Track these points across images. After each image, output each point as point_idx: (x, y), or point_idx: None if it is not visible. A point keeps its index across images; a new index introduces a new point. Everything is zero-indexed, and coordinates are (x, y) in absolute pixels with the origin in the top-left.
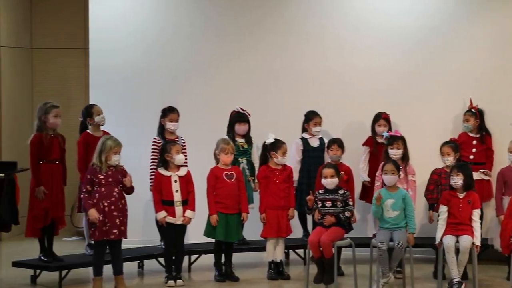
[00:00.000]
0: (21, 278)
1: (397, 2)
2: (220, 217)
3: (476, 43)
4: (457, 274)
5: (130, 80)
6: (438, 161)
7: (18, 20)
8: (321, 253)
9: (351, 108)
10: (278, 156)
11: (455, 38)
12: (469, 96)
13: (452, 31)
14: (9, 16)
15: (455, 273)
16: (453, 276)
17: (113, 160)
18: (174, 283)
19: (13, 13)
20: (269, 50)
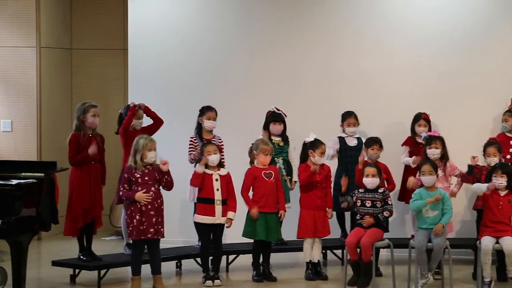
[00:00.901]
0: (61, 277)
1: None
2: (260, 217)
3: None
4: (489, 274)
5: (168, 80)
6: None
7: (58, 21)
8: (358, 256)
9: (389, 108)
10: (315, 155)
11: (494, 38)
12: (510, 97)
13: (490, 30)
14: (49, 18)
15: (487, 273)
16: (485, 276)
17: (149, 157)
18: (212, 283)
19: (53, 14)
20: (306, 50)
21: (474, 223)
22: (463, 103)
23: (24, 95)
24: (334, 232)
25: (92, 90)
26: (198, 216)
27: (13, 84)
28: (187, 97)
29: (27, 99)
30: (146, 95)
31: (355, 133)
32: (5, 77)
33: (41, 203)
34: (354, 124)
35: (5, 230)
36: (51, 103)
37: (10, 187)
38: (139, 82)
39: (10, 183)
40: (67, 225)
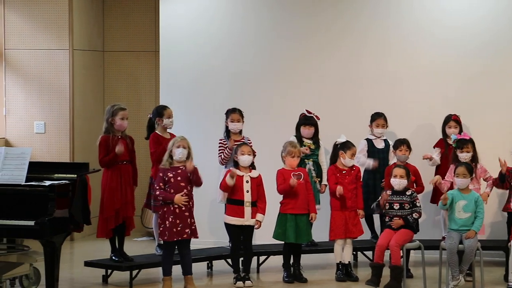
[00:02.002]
0: (93, 278)
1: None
2: (290, 219)
3: None
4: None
5: (199, 82)
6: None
7: (90, 24)
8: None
9: (418, 110)
10: (346, 157)
11: None
12: None
13: None
14: (82, 20)
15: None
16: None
17: (176, 154)
18: (242, 284)
19: (85, 17)
20: (334, 52)
21: (505, 225)
22: (493, 104)
23: (57, 97)
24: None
25: (124, 92)
26: (228, 217)
27: (46, 86)
28: (218, 98)
29: (60, 101)
30: (177, 96)
31: (383, 134)
32: (38, 79)
33: (73, 204)
34: (383, 125)
35: (39, 231)
36: (84, 105)
37: (44, 188)
38: (170, 83)
39: (44, 184)
40: (100, 226)
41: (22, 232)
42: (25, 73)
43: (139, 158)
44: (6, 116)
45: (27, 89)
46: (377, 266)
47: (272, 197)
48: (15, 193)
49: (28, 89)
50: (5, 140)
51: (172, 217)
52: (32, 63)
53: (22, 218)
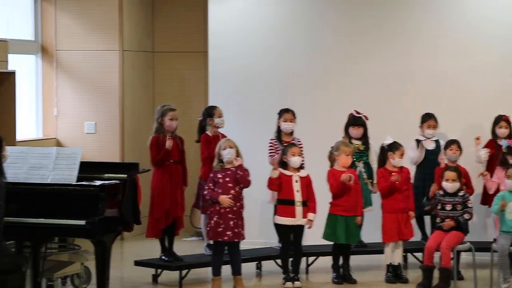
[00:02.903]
0: (143, 277)
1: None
2: (340, 220)
3: None
4: None
5: (247, 81)
6: None
7: (140, 25)
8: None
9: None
10: (395, 157)
11: None
12: None
13: None
14: (131, 21)
15: None
16: None
17: (223, 155)
18: (292, 284)
19: (135, 18)
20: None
21: None
22: None
23: (107, 98)
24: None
25: (174, 92)
26: (279, 217)
27: (96, 86)
28: (267, 99)
29: (110, 101)
30: (226, 97)
31: (433, 135)
32: (89, 80)
33: (124, 204)
34: (434, 126)
35: (89, 230)
36: (134, 105)
37: (94, 188)
38: (218, 83)
39: (94, 184)
40: (150, 226)
41: (73, 231)
42: (76, 74)
43: (189, 159)
44: (57, 117)
45: (78, 90)
46: (427, 268)
47: (319, 198)
48: (66, 192)
49: (78, 90)
50: (56, 140)
51: (216, 217)
52: (82, 64)
53: (73, 218)
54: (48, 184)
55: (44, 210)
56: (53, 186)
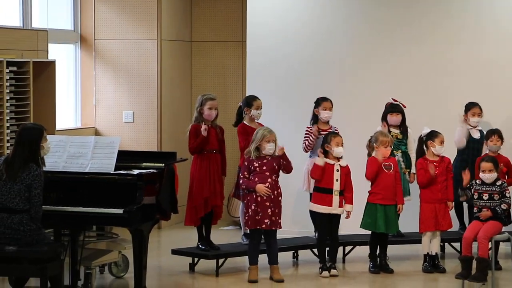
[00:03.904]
0: (180, 266)
1: None
2: (380, 209)
3: None
4: None
5: (284, 70)
6: None
7: (178, 14)
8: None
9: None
10: (435, 145)
11: None
12: None
13: None
14: (170, 11)
15: None
16: None
17: (266, 149)
18: (328, 274)
19: (173, 7)
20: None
21: None
22: None
23: (145, 87)
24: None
25: (211, 81)
26: (315, 205)
27: (135, 76)
28: (303, 88)
29: (148, 90)
30: (263, 86)
31: (478, 123)
32: (127, 69)
33: (161, 193)
34: (479, 114)
35: (127, 219)
36: (171, 95)
37: (132, 177)
38: (256, 73)
39: (132, 173)
40: (188, 215)
41: (111, 220)
42: (114, 63)
43: (228, 148)
44: (96, 106)
45: (116, 79)
46: (466, 259)
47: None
48: (104, 181)
49: (117, 79)
50: (94, 129)
51: (254, 205)
52: (121, 53)
53: (111, 206)
54: (86, 173)
55: (83, 198)
56: (92, 175)
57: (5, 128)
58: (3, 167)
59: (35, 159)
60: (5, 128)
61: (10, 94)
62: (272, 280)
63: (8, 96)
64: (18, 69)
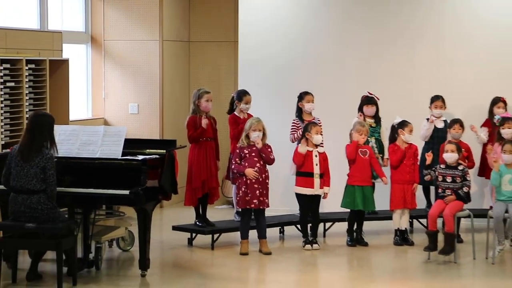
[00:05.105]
0: (179, 240)
1: None
2: (358, 190)
3: None
4: None
5: (272, 68)
6: None
7: (178, 17)
8: (436, 227)
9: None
10: (405, 133)
11: None
12: None
13: None
14: (170, 14)
15: None
16: None
17: (252, 137)
18: (310, 247)
19: (174, 11)
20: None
21: None
22: None
23: (149, 82)
24: (421, 203)
25: (207, 77)
26: (299, 187)
27: (140, 72)
28: (289, 83)
29: (151, 85)
30: (253, 82)
31: (441, 115)
32: (133, 66)
33: (163, 176)
34: (441, 106)
35: (133, 199)
36: (172, 89)
37: (137, 162)
38: (247, 70)
39: (137, 158)
40: (187, 196)
41: (119, 200)
42: (121, 61)
43: (220, 136)
44: (105, 99)
45: (123, 75)
46: (432, 233)
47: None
48: (113, 166)
49: (123, 75)
50: (104, 120)
51: (244, 187)
52: (127, 52)
53: (118, 188)
54: (96, 159)
55: (93, 181)
56: (101, 160)
57: (24, 119)
58: (19, 154)
59: (50, 143)
60: (25, 120)
61: (29, 89)
62: (261, 253)
63: (27, 91)
64: (36, 66)
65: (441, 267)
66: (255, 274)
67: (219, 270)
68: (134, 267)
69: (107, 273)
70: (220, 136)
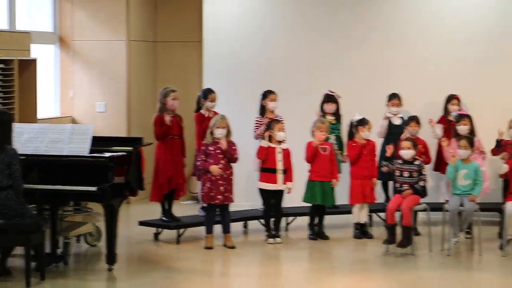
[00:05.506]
0: (146, 235)
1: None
2: (318, 185)
3: None
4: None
5: (237, 67)
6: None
7: (144, 17)
8: (395, 221)
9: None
10: (365, 130)
11: None
12: None
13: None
14: (137, 15)
15: (510, 231)
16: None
17: (216, 133)
18: (273, 240)
19: (140, 11)
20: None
21: (500, 190)
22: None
23: (116, 82)
24: (379, 197)
25: (173, 77)
26: (262, 183)
27: (107, 72)
28: (253, 81)
29: (118, 84)
30: (219, 81)
31: (399, 112)
32: (100, 66)
33: (130, 173)
34: (397, 104)
35: (100, 196)
36: (139, 88)
37: (104, 159)
38: (212, 69)
39: (104, 155)
40: (153, 192)
41: (86, 196)
42: (89, 61)
43: (187, 134)
44: (73, 98)
45: (91, 74)
46: (390, 226)
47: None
48: (81, 163)
49: (91, 74)
50: (72, 118)
51: (209, 183)
52: (95, 52)
53: (86, 185)
54: (64, 156)
55: (61, 178)
56: (69, 157)
57: None
58: None
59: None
60: None
61: None
62: (226, 247)
63: None
64: (5, 66)
65: (399, 259)
66: (219, 267)
67: (184, 263)
68: (102, 262)
69: (75, 267)
70: (186, 134)
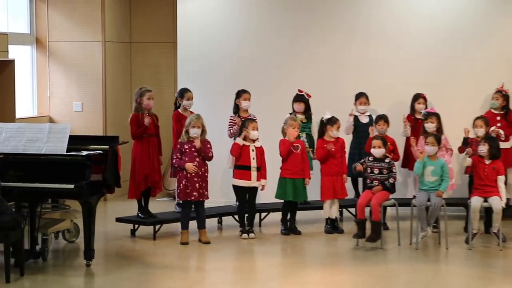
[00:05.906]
0: (123, 231)
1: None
2: (289, 182)
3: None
4: (477, 227)
5: (210, 67)
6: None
7: (119, 19)
8: (365, 216)
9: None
10: (333, 130)
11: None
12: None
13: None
14: (112, 16)
15: (475, 226)
16: (473, 228)
17: (191, 133)
18: (247, 236)
19: (115, 13)
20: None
21: (466, 185)
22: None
23: (92, 82)
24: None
25: (148, 77)
26: (236, 180)
27: (83, 72)
28: (226, 81)
29: (94, 85)
30: (192, 81)
31: (366, 111)
32: (77, 67)
33: (106, 170)
34: (365, 103)
35: (78, 193)
36: (114, 88)
37: (81, 157)
38: (186, 70)
39: (81, 154)
40: (131, 189)
41: (64, 194)
42: (66, 62)
43: (164, 133)
44: (50, 98)
45: (67, 75)
46: (360, 221)
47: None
48: (58, 161)
49: (68, 75)
50: (49, 117)
51: (184, 180)
52: (71, 53)
53: (64, 182)
54: (42, 154)
55: (39, 176)
56: (47, 156)
57: None
58: None
59: None
60: None
61: None
62: (201, 242)
63: None
64: None
65: (369, 253)
66: (195, 262)
67: (160, 259)
68: (80, 258)
69: (53, 263)
70: (162, 132)
